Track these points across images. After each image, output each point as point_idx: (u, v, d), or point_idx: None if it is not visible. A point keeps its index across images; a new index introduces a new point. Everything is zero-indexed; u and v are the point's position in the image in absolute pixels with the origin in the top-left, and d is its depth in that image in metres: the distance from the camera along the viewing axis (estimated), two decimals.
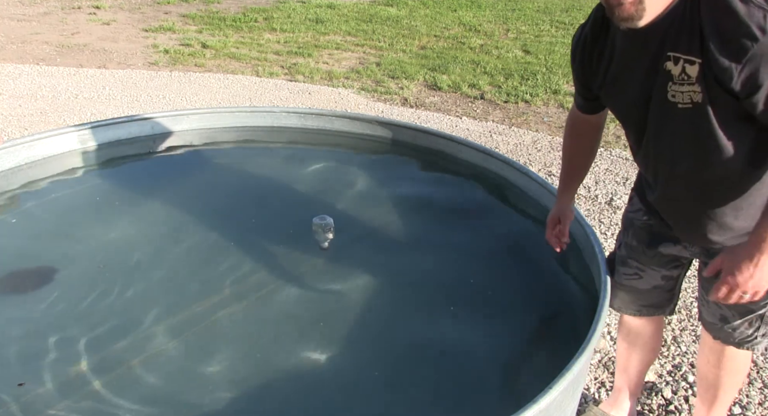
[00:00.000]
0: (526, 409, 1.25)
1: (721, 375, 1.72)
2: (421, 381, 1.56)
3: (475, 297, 1.83)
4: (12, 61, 5.94)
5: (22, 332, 1.66)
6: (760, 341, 1.61)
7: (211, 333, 1.66)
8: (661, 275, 1.71)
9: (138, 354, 1.58)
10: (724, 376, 1.73)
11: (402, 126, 2.75)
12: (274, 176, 2.51)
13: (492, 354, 1.67)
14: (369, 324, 1.74)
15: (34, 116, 4.60)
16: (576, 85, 1.62)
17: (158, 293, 1.82)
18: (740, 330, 1.61)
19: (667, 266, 1.69)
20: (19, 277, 1.89)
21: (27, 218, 2.18)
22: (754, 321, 1.58)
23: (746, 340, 1.62)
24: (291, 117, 2.84)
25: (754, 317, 1.57)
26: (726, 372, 1.71)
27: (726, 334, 1.64)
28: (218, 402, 1.47)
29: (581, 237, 1.91)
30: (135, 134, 2.68)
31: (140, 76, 5.59)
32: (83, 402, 1.45)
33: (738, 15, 1.18)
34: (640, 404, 2.17)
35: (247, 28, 7.39)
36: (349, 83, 5.60)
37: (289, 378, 1.55)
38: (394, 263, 2.00)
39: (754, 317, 1.57)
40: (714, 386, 1.76)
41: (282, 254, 2.01)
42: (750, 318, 1.58)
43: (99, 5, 8.26)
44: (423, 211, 2.29)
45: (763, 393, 2.24)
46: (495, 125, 4.79)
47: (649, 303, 1.77)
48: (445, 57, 6.35)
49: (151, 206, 2.25)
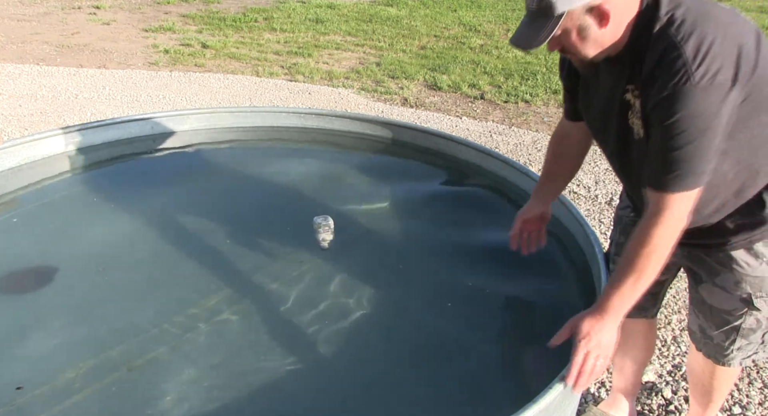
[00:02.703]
0: (526, 409, 1.25)
1: (715, 385, 1.73)
2: (422, 380, 1.56)
3: (474, 297, 1.83)
4: (12, 61, 5.94)
5: (21, 332, 1.66)
6: (735, 356, 1.61)
7: (212, 333, 1.66)
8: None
9: (138, 355, 1.58)
10: (719, 387, 1.74)
11: (402, 126, 2.75)
12: (274, 176, 2.51)
13: (492, 354, 1.67)
14: (369, 324, 1.74)
15: (34, 116, 4.60)
16: (564, 93, 1.66)
17: (158, 293, 1.82)
18: (717, 342, 1.61)
19: None
20: (19, 277, 1.89)
21: (27, 218, 2.18)
22: (731, 333, 1.58)
23: (722, 354, 1.62)
24: (291, 117, 2.84)
25: (729, 329, 1.57)
26: (720, 383, 1.73)
27: (706, 346, 1.65)
28: (219, 402, 1.46)
29: (581, 237, 1.91)
30: (135, 134, 2.68)
31: (140, 76, 5.58)
32: (81, 404, 1.45)
33: (665, 62, 1.22)
34: (640, 404, 2.17)
35: (247, 28, 7.38)
36: (349, 83, 5.60)
37: (289, 377, 1.55)
38: (394, 263, 2.00)
39: (729, 329, 1.57)
40: (708, 392, 1.77)
41: (282, 254, 2.01)
42: (726, 330, 1.58)
43: (99, 5, 8.26)
44: (423, 211, 2.29)
45: (763, 393, 2.24)
46: (495, 125, 4.79)
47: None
48: (445, 57, 6.34)
49: (151, 206, 2.25)
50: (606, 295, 1.37)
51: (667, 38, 1.24)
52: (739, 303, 1.52)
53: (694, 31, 1.22)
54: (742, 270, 1.47)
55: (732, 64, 1.21)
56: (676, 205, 1.29)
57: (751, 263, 1.46)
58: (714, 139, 1.24)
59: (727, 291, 1.52)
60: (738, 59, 1.22)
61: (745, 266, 1.47)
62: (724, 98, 1.22)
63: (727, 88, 1.21)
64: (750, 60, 1.24)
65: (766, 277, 1.48)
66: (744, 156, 1.35)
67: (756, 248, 1.45)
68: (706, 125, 1.22)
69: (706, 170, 1.27)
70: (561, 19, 1.24)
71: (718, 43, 1.21)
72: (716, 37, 1.21)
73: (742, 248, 1.46)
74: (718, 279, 1.52)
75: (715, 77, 1.20)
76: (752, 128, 1.32)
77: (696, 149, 1.24)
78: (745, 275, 1.48)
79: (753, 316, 1.54)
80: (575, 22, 1.26)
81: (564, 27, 1.27)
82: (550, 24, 1.25)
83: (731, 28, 1.24)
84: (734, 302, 1.53)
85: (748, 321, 1.54)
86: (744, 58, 1.23)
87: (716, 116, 1.22)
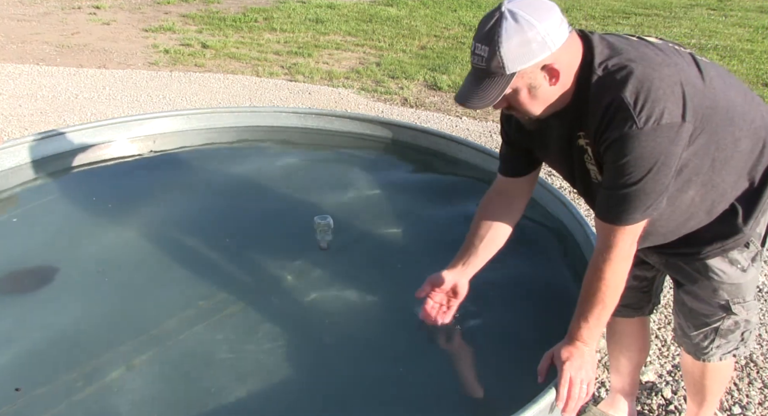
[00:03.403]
0: (526, 409, 1.25)
1: (707, 384, 1.75)
2: (422, 380, 1.56)
3: (474, 296, 1.83)
4: (12, 61, 5.93)
5: (20, 333, 1.66)
6: (714, 352, 1.63)
7: (211, 333, 1.66)
8: (633, 275, 1.71)
9: (138, 355, 1.58)
10: (711, 385, 1.75)
11: (402, 126, 2.75)
12: (274, 176, 2.51)
13: (492, 353, 1.67)
14: (369, 324, 1.74)
15: (34, 116, 4.60)
16: (504, 146, 1.61)
17: (158, 292, 1.82)
18: (696, 342, 1.63)
19: (639, 267, 1.68)
20: (19, 277, 1.89)
21: (27, 218, 2.18)
22: (709, 333, 1.60)
23: (702, 351, 1.64)
24: (291, 117, 2.84)
25: (708, 330, 1.59)
26: (711, 381, 1.74)
27: (686, 344, 1.68)
28: (219, 402, 1.46)
29: (581, 237, 1.91)
30: (135, 133, 2.68)
31: (140, 76, 5.58)
32: (81, 404, 1.45)
33: (609, 111, 1.24)
34: (640, 404, 2.17)
35: (247, 28, 7.38)
36: (349, 83, 5.60)
37: (289, 376, 1.55)
38: (394, 263, 2.00)
39: (708, 330, 1.59)
40: (701, 392, 1.78)
41: (281, 253, 2.01)
42: (705, 331, 1.60)
43: (99, 5, 8.25)
44: (423, 211, 2.29)
45: (763, 393, 2.24)
46: (495, 125, 4.78)
47: (625, 304, 1.77)
48: (445, 57, 6.34)
49: (151, 206, 2.25)
50: (575, 328, 1.41)
51: (605, 89, 1.25)
52: (718, 309, 1.55)
53: (629, 78, 1.23)
54: (718, 278, 1.50)
55: (678, 103, 1.23)
56: (623, 238, 1.34)
57: (727, 271, 1.49)
58: (664, 177, 1.27)
59: (706, 299, 1.55)
60: (683, 96, 1.24)
61: (721, 275, 1.50)
62: (675, 137, 1.24)
63: (677, 125, 1.24)
64: (697, 92, 1.27)
65: (741, 283, 1.51)
66: (708, 179, 1.39)
67: (731, 256, 1.48)
68: (656, 165, 1.24)
69: (654, 205, 1.30)
70: (512, 78, 1.24)
71: (656, 86, 1.22)
72: (653, 79, 1.23)
73: (718, 256, 1.48)
74: (696, 286, 1.55)
75: (661, 119, 1.21)
76: (711, 153, 1.35)
77: (644, 187, 1.27)
78: (722, 283, 1.51)
79: (731, 319, 1.57)
80: (526, 81, 1.26)
81: (514, 86, 1.26)
82: (500, 83, 1.24)
83: (665, 68, 1.26)
84: (713, 309, 1.56)
85: (726, 323, 1.57)
86: (688, 93, 1.25)
87: (666, 154, 1.24)
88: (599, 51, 1.28)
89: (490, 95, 1.26)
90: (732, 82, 1.40)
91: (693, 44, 6.65)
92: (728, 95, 1.35)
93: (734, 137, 1.36)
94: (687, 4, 8.69)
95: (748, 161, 1.40)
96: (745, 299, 1.54)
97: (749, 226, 1.44)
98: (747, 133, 1.38)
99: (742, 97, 1.39)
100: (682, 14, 8.14)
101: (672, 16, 8.00)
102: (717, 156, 1.36)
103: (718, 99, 1.32)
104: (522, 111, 1.34)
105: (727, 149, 1.36)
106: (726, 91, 1.35)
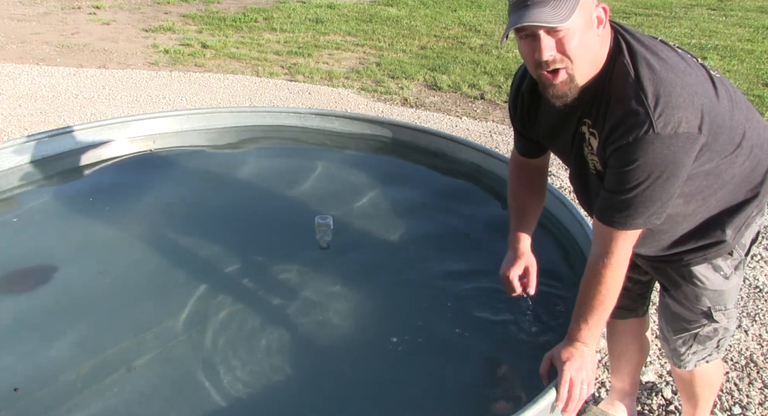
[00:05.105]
0: (526, 409, 1.25)
1: (697, 390, 1.76)
2: (422, 379, 1.56)
3: (474, 296, 1.83)
4: (12, 61, 5.93)
5: (21, 332, 1.66)
6: (690, 359, 1.65)
7: (211, 333, 1.66)
8: (627, 277, 1.71)
9: (138, 355, 1.58)
10: (701, 390, 1.77)
11: (402, 126, 2.75)
12: (274, 176, 2.51)
13: (492, 353, 1.67)
14: (368, 323, 1.74)
15: (34, 116, 4.60)
16: (515, 133, 1.63)
17: (157, 292, 1.82)
18: (674, 347, 1.64)
19: (632, 270, 1.67)
20: (19, 277, 1.89)
21: (27, 218, 2.18)
22: (688, 339, 1.61)
23: (678, 357, 1.66)
24: (291, 117, 2.84)
25: (687, 335, 1.61)
26: (701, 387, 1.75)
27: (665, 348, 1.69)
28: (219, 402, 1.46)
29: (581, 238, 1.91)
30: (134, 133, 2.68)
31: (140, 76, 5.58)
32: (81, 404, 1.45)
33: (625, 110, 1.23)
34: (640, 404, 2.17)
35: (247, 28, 7.38)
36: (349, 83, 5.60)
37: (289, 376, 1.55)
38: (394, 263, 2.00)
39: (687, 335, 1.61)
40: (693, 397, 1.80)
41: (282, 253, 2.01)
42: (684, 337, 1.61)
43: (99, 5, 8.25)
44: (423, 211, 2.29)
45: (763, 393, 2.24)
46: (495, 124, 4.78)
47: (619, 306, 1.77)
48: (445, 57, 6.34)
49: (151, 206, 2.25)
50: (575, 329, 1.42)
51: (626, 86, 1.24)
52: (700, 316, 1.56)
53: (652, 79, 1.22)
54: (702, 285, 1.51)
55: (696, 114, 1.23)
56: (622, 243, 1.34)
57: (710, 278, 1.50)
58: (671, 186, 1.26)
59: (689, 305, 1.56)
60: (702, 108, 1.24)
61: (705, 281, 1.51)
62: (689, 148, 1.24)
63: (694, 136, 1.23)
64: (713, 108, 1.27)
65: (724, 291, 1.52)
66: (707, 194, 1.39)
67: (715, 262, 1.49)
68: (665, 172, 1.24)
69: (658, 212, 1.30)
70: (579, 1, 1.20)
71: (678, 93, 1.21)
72: (675, 86, 1.22)
73: (703, 263, 1.50)
74: (680, 292, 1.56)
75: (679, 127, 1.21)
76: (709, 170, 1.35)
77: (651, 194, 1.26)
78: (705, 290, 1.52)
79: (711, 326, 1.58)
80: (586, 11, 1.22)
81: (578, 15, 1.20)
82: (570, 2, 1.19)
83: (687, 77, 1.25)
84: (695, 315, 1.57)
85: (705, 329, 1.58)
86: (706, 106, 1.25)
87: (676, 163, 1.24)
88: (627, 45, 1.27)
89: (561, 12, 1.20)
90: (738, 100, 1.39)
91: (693, 44, 6.65)
92: (734, 115, 1.35)
93: (733, 155, 1.37)
94: (687, 4, 8.69)
95: (740, 179, 1.41)
96: (726, 307, 1.55)
97: (733, 237, 1.46)
98: (744, 152, 1.38)
99: (744, 116, 1.39)
100: (682, 14, 8.14)
101: (672, 16, 8.00)
102: (712, 172, 1.37)
103: (725, 119, 1.32)
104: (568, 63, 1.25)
105: (724, 169, 1.37)
106: (732, 110, 1.35)
